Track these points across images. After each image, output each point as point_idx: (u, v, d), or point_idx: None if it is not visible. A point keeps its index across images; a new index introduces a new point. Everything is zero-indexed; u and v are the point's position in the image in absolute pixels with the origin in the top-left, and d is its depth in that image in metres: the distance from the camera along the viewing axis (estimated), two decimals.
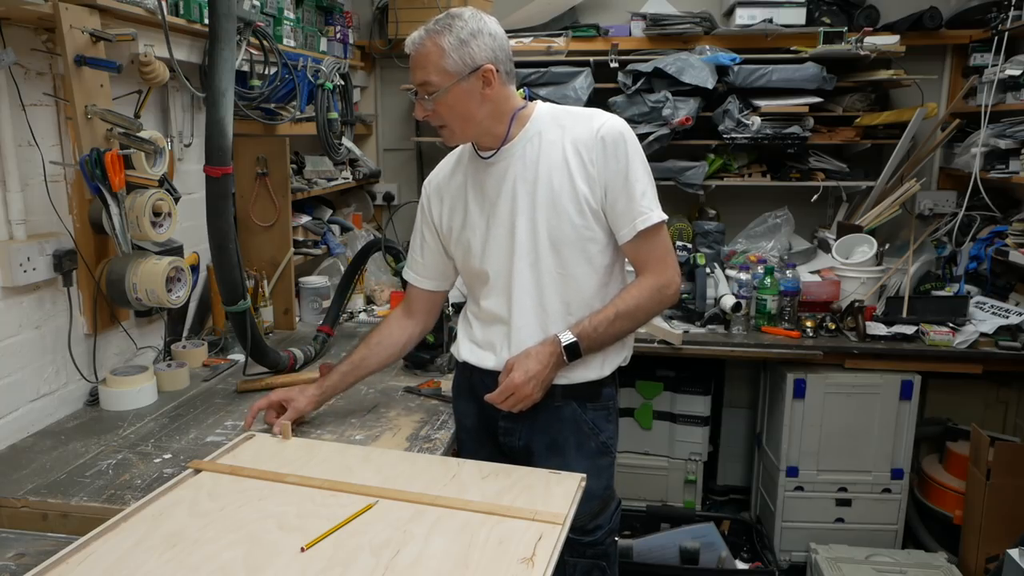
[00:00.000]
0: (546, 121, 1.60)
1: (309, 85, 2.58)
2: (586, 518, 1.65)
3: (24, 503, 1.41)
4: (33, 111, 1.67)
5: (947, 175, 3.24)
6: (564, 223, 1.55)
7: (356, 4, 3.36)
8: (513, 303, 1.61)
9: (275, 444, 1.53)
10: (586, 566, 1.69)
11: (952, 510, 2.74)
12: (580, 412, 1.65)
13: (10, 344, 1.66)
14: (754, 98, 2.93)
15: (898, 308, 2.70)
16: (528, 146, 1.58)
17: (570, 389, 1.63)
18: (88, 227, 1.80)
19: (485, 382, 1.67)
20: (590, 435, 1.66)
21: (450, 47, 1.48)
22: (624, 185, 1.53)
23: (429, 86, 1.50)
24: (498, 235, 1.62)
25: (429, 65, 1.49)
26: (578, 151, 1.54)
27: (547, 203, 1.56)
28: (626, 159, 1.54)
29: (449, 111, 1.52)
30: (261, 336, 2.02)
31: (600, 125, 1.54)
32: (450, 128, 1.55)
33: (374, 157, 3.55)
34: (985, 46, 2.88)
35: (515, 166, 1.59)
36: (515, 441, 1.68)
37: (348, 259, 2.69)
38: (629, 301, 1.57)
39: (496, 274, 1.63)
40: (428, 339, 2.18)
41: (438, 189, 1.73)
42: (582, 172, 1.54)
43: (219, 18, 1.72)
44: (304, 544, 1.14)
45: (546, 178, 1.56)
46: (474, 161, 1.65)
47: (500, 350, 1.65)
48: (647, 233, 1.55)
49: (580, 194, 1.54)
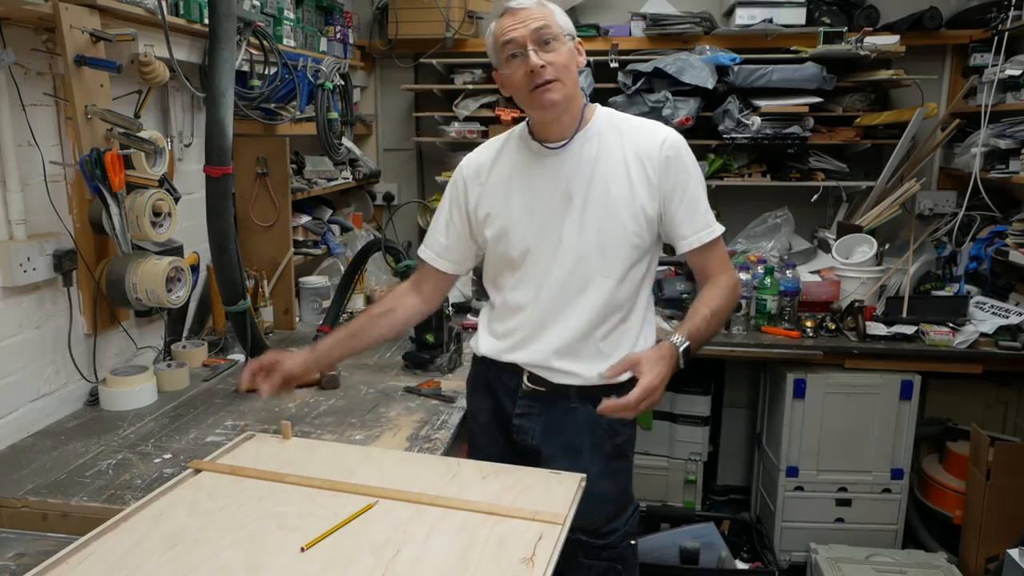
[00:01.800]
0: (605, 124, 1.61)
1: (309, 85, 2.58)
2: (601, 521, 1.65)
3: (24, 503, 1.41)
4: (33, 111, 1.67)
5: (947, 175, 3.24)
6: (617, 227, 1.57)
7: (356, 4, 3.36)
8: (548, 298, 1.61)
9: (275, 444, 1.53)
10: (601, 568, 1.68)
11: (952, 510, 2.74)
12: (596, 414, 1.59)
13: (10, 344, 1.66)
14: (754, 98, 2.93)
15: (898, 308, 2.70)
16: (587, 145, 1.59)
17: (586, 391, 1.61)
18: (88, 227, 1.81)
19: (502, 378, 1.68)
20: (605, 438, 1.64)
21: (558, 10, 1.55)
22: (685, 198, 1.58)
23: (547, 32, 1.50)
24: (543, 228, 1.61)
25: (548, 16, 1.52)
26: (640, 161, 1.56)
27: (602, 205, 1.57)
28: (687, 173, 1.58)
29: (564, 62, 1.52)
30: (261, 336, 2.03)
31: (664, 138, 1.57)
32: (562, 82, 1.52)
33: (374, 157, 3.55)
34: (985, 46, 2.88)
35: (570, 163, 1.59)
36: (528, 440, 1.67)
37: (348, 259, 2.69)
38: (717, 300, 1.58)
39: (531, 266, 1.63)
40: (428, 339, 2.19)
41: (477, 173, 1.71)
42: (643, 181, 1.56)
43: (219, 18, 1.72)
44: (304, 544, 1.14)
45: (603, 181, 1.57)
46: (525, 151, 1.65)
47: (524, 343, 1.64)
48: (712, 244, 1.61)
49: (638, 202, 1.56)
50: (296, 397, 1.97)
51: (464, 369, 2.23)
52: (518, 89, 1.55)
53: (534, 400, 1.65)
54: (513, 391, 1.67)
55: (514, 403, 1.67)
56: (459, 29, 3.15)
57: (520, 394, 1.66)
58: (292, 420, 1.75)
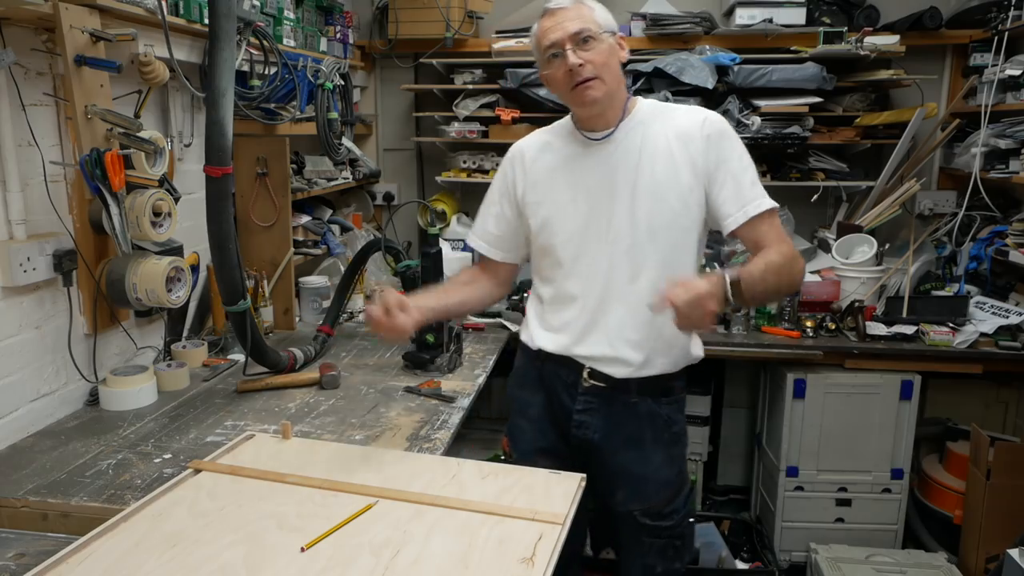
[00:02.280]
0: (648, 112, 1.65)
1: (309, 85, 2.58)
2: (662, 504, 1.71)
3: (24, 503, 1.41)
4: (33, 111, 1.67)
5: (947, 175, 3.24)
6: (665, 211, 1.60)
7: (356, 4, 3.36)
8: (601, 288, 1.64)
9: (275, 444, 1.53)
10: (661, 546, 1.75)
11: (952, 510, 2.74)
12: (655, 407, 1.69)
13: (10, 344, 1.66)
14: (754, 98, 2.93)
15: (898, 308, 2.70)
16: (631, 135, 1.63)
17: (645, 385, 1.66)
18: (88, 227, 1.81)
19: (559, 373, 1.70)
20: (664, 428, 1.70)
21: (597, 6, 1.59)
22: (730, 173, 1.59)
23: (586, 32, 1.54)
24: (592, 219, 1.64)
25: (585, 15, 1.56)
26: (683, 141, 1.60)
27: (649, 191, 1.60)
28: (730, 150, 1.60)
29: (603, 61, 1.56)
30: (261, 336, 2.02)
31: (705, 118, 1.61)
32: (601, 79, 1.56)
33: (374, 157, 3.54)
34: (985, 46, 2.88)
35: (616, 153, 1.63)
36: (590, 434, 1.69)
37: (348, 259, 2.69)
38: (772, 256, 1.52)
39: (581, 257, 1.65)
40: (428, 339, 2.19)
41: (524, 162, 1.74)
42: (687, 162, 1.59)
43: (219, 18, 1.72)
44: (304, 544, 1.14)
45: (649, 167, 1.60)
46: (571, 143, 1.68)
47: (581, 337, 1.66)
48: (762, 218, 1.58)
49: (684, 183, 1.59)
50: (296, 397, 1.98)
51: (464, 369, 2.23)
52: (560, 88, 1.60)
53: (594, 395, 1.68)
54: (571, 386, 1.70)
55: (573, 398, 1.70)
56: (459, 29, 3.15)
57: (580, 390, 1.69)
58: (292, 420, 1.76)
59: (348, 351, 2.41)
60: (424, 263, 2.19)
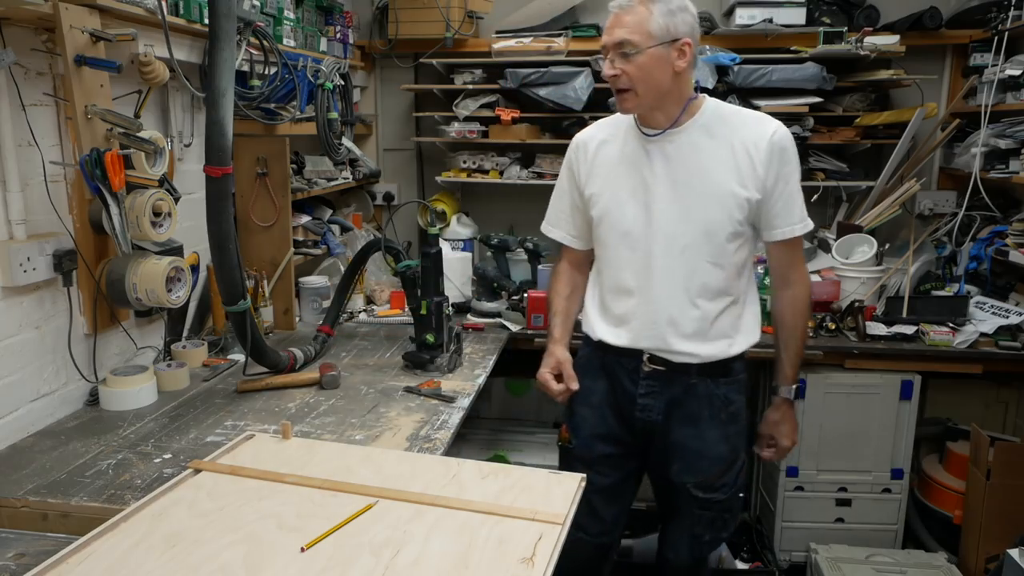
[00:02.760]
0: (713, 115, 1.69)
1: (309, 85, 2.58)
2: (714, 478, 1.81)
3: (24, 503, 1.41)
4: (33, 111, 1.67)
5: (947, 175, 3.24)
6: (723, 216, 1.65)
7: (356, 4, 3.35)
8: (658, 283, 1.71)
9: (275, 444, 1.53)
10: (711, 518, 1.86)
11: (952, 510, 2.74)
12: (713, 387, 1.77)
13: (10, 344, 1.66)
14: (754, 98, 2.93)
15: (898, 308, 2.70)
16: (695, 135, 1.67)
17: (704, 368, 1.75)
18: (88, 227, 1.81)
19: (621, 362, 1.79)
20: (721, 407, 1.79)
21: (659, 13, 1.57)
22: (785, 190, 1.68)
23: (628, 45, 1.57)
24: (650, 215, 1.69)
25: (633, 24, 1.56)
26: (748, 151, 1.64)
27: (709, 194, 1.65)
28: (791, 167, 1.68)
29: (640, 74, 1.59)
30: (261, 336, 2.02)
31: (773, 131, 1.65)
32: (635, 92, 1.61)
33: (374, 157, 3.54)
34: (985, 46, 2.88)
35: (679, 152, 1.67)
36: (653, 416, 1.79)
37: (348, 259, 2.69)
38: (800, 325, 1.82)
39: (638, 250, 1.72)
40: (428, 339, 2.19)
41: (586, 152, 1.80)
42: (750, 172, 1.65)
43: (219, 18, 1.72)
44: (304, 544, 1.14)
45: (710, 170, 1.65)
46: (634, 137, 1.72)
47: (635, 327, 1.75)
48: (797, 240, 1.75)
49: (743, 191, 1.65)
50: (296, 397, 1.98)
51: (464, 369, 2.23)
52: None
53: (655, 379, 1.76)
54: (633, 372, 1.78)
55: (635, 383, 1.78)
56: (459, 29, 3.15)
57: (641, 375, 1.77)
58: (292, 420, 1.76)
59: (348, 351, 2.41)
60: (424, 263, 2.19)
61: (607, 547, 1.99)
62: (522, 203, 3.43)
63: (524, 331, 2.69)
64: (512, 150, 3.32)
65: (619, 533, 2.02)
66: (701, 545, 1.90)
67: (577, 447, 1.89)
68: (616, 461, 1.89)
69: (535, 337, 2.66)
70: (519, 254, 2.97)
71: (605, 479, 1.88)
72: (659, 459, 1.86)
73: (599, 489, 1.88)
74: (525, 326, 2.69)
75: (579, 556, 1.94)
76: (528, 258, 2.92)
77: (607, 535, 1.95)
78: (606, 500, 1.91)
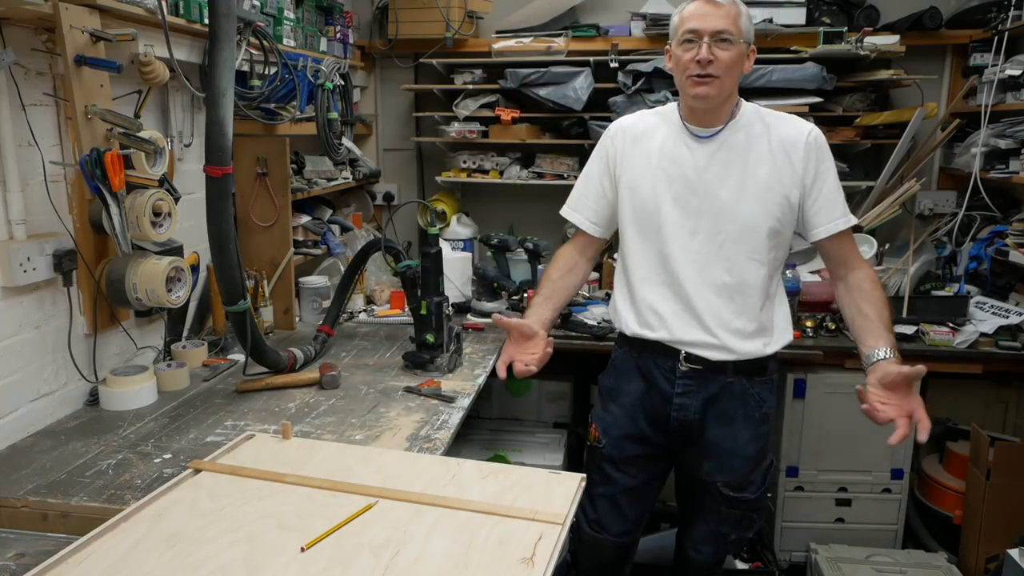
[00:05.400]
0: (752, 116, 1.73)
1: (309, 85, 2.58)
2: (743, 477, 1.82)
3: (24, 503, 1.41)
4: (33, 111, 1.67)
5: (947, 175, 3.24)
6: (763, 214, 1.68)
7: (356, 4, 3.35)
8: (695, 277, 1.72)
9: (275, 444, 1.53)
10: (738, 517, 1.87)
11: (952, 510, 2.74)
12: (748, 386, 1.78)
13: (10, 344, 1.66)
14: (754, 98, 2.90)
15: (898, 308, 2.69)
16: (736, 136, 1.70)
17: (740, 366, 1.76)
18: (88, 227, 1.81)
19: (657, 362, 1.79)
20: (755, 406, 1.80)
21: (746, 15, 1.67)
22: (825, 187, 1.70)
23: (728, 33, 1.61)
24: (690, 212, 1.71)
25: (731, 17, 1.62)
26: (786, 150, 1.68)
27: (750, 193, 1.68)
28: (828, 164, 1.71)
29: (729, 65, 1.63)
30: (261, 336, 2.02)
31: (809, 130, 1.70)
32: (720, 81, 1.64)
33: (374, 157, 3.54)
34: (985, 46, 2.88)
35: (720, 151, 1.70)
36: (690, 415, 1.79)
37: (348, 259, 2.69)
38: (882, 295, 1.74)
39: (675, 246, 1.73)
40: (428, 339, 2.18)
41: (625, 139, 1.81)
42: (788, 170, 1.68)
43: (219, 18, 1.72)
44: (304, 544, 1.14)
45: (752, 169, 1.68)
46: (676, 133, 1.75)
47: (672, 323, 1.76)
48: (844, 234, 1.75)
49: (783, 189, 1.68)
50: (296, 397, 1.98)
51: (464, 369, 2.23)
52: (680, 70, 1.68)
53: (692, 378, 1.77)
54: (670, 372, 1.78)
55: (672, 383, 1.78)
56: (459, 29, 3.15)
57: (678, 374, 1.77)
58: (292, 420, 1.76)
59: (348, 351, 2.41)
60: (424, 263, 2.19)
61: (629, 546, 1.99)
62: (522, 203, 3.44)
63: None
64: (512, 150, 3.32)
65: (640, 533, 2.03)
66: (727, 544, 1.92)
67: (607, 446, 1.89)
68: (644, 462, 1.90)
69: None
70: (519, 254, 2.97)
71: (633, 480, 1.90)
72: (691, 458, 1.86)
73: (626, 489, 1.90)
74: None
75: (602, 557, 1.95)
76: (528, 258, 2.92)
77: (629, 535, 1.96)
78: (632, 500, 1.92)
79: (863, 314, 1.71)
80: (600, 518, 1.93)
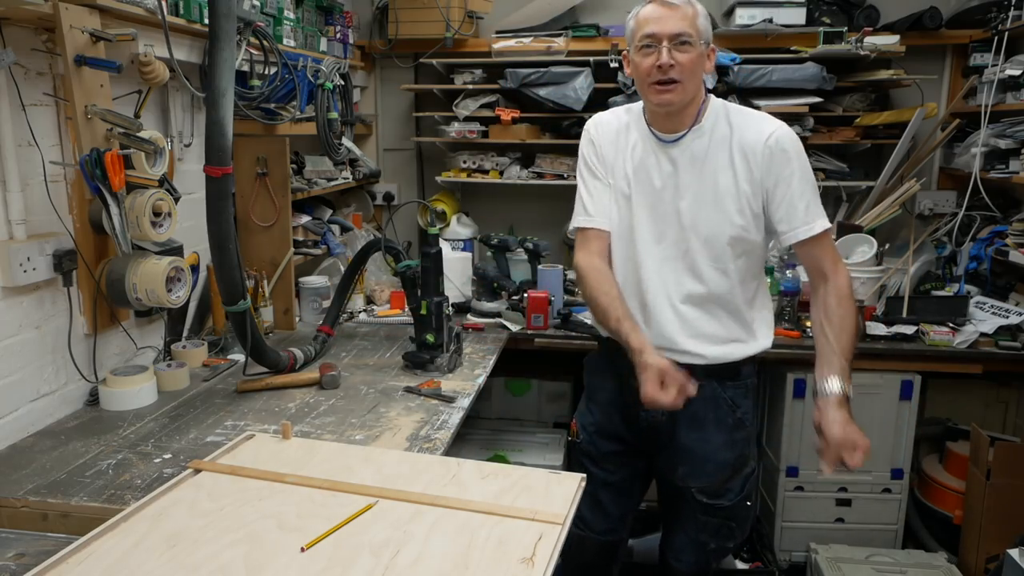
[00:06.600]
0: (719, 117, 1.68)
1: (309, 85, 2.58)
2: (719, 484, 1.79)
3: (24, 503, 1.41)
4: (33, 111, 1.67)
5: (947, 175, 3.24)
6: (724, 221, 1.65)
7: (356, 4, 3.36)
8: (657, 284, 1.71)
9: (275, 444, 1.53)
10: (716, 525, 1.83)
11: (952, 510, 2.74)
12: (720, 390, 1.75)
13: (10, 344, 1.66)
14: (754, 98, 2.93)
15: (898, 308, 2.70)
16: (698, 141, 1.67)
17: (711, 370, 1.72)
18: (88, 227, 1.81)
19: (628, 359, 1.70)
20: (728, 411, 1.77)
21: (703, 14, 1.62)
22: (788, 192, 1.63)
23: (686, 36, 1.57)
24: (657, 219, 1.69)
25: (688, 19, 1.58)
26: (745, 155, 1.63)
27: (710, 200, 1.65)
28: (790, 168, 1.63)
29: (691, 68, 1.59)
30: (261, 336, 2.02)
31: (771, 133, 1.63)
32: (683, 86, 1.60)
33: (374, 157, 3.54)
34: (985, 46, 2.88)
35: (682, 157, 1.67)
36: (658, 415, 1.75)
37: (348, 259, 2.69)
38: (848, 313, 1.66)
39: (639, 251, 1.71)
40: (428, 339, 2.18)
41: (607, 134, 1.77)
42: (747, 176, 1.63)
43: (219, 18, 1.72)
44: (304, 544, 1.14)
45: (712, 175, 1.65)
46: (645, 139, 1.72)
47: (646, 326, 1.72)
48: (815, 240, 1.65)
49: (743, 196, 1.64)
50: (296, 397, 1.98)
51: (464, 369, 2.23)
52: (641, 77, 1.63)
53: None
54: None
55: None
56: (459, 29, 3.15)
57: None
58: (292, 420, 1.76)
59: (348, 351, 2.41)
60: (424, 263, 2.19)
61: (614, 546, 1.99)
62: (522, 203, 3.44)
63: (524, 331, 2.68)
64: (512, 150, 3.32)
65: (626, 532, 2.02)
66: (707, 553, 1.88)
67: (584, 442, 1.91)
68: (621, 459, 1.89)
69: (535, 337, 2.66)
70: (519, 254, 2.97)
71: (612, 475, 1.90)
72: (664, 463, 1.85)
73: (606, 484, 1.90)
74: (525, 326, 2.69)
75: (585, 555, 1.94)
76: (528, 258, 2.92)
77: (613, 533, 1.95)
78: (613, 497, 1.92)
79: (824, 334, 1.67)
80: (582, 514, 1.92)
